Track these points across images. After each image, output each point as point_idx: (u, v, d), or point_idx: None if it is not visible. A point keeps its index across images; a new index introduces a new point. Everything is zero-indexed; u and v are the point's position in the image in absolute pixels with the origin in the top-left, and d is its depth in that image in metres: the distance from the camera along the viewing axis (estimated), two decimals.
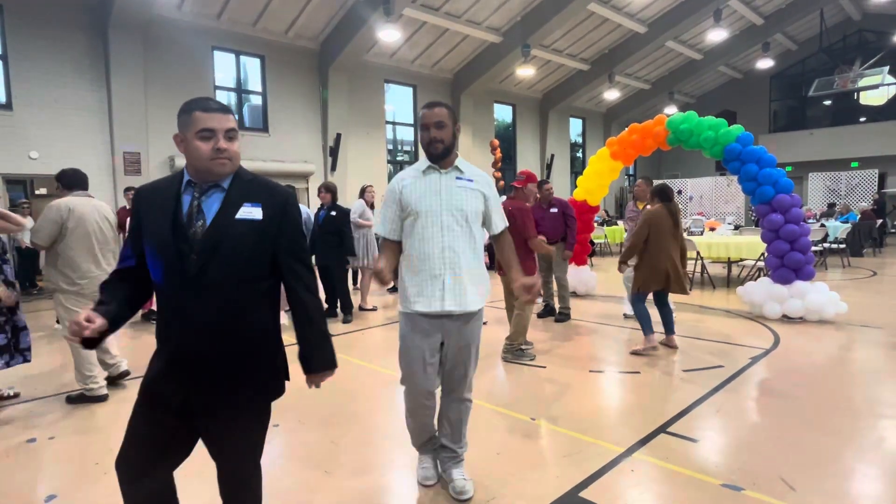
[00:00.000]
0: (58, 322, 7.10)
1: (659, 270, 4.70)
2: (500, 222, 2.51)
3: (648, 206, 5.03)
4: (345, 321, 6.38)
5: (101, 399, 3.84)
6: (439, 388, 2.53)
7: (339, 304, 6.59)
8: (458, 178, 2.37)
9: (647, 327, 4.81)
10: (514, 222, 3.89)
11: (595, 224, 10.61)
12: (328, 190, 6.54)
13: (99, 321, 1.51)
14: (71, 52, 9.86)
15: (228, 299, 1.56)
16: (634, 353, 4.79)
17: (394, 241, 2.43)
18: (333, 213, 6.43)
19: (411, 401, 2.50)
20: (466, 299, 2.34)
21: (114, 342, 4.24)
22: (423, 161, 2.41)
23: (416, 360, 2.39)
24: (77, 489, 2.64)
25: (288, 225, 1.65)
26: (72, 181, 3.89)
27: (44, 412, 3.69)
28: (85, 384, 3.82)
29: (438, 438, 2.63)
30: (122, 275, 1.67)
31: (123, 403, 3.80)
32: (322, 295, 7.21)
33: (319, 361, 1.71)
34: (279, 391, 1.71)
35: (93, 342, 1.57)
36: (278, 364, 1.70)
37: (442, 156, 2.33)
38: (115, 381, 4.14)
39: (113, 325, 1.58)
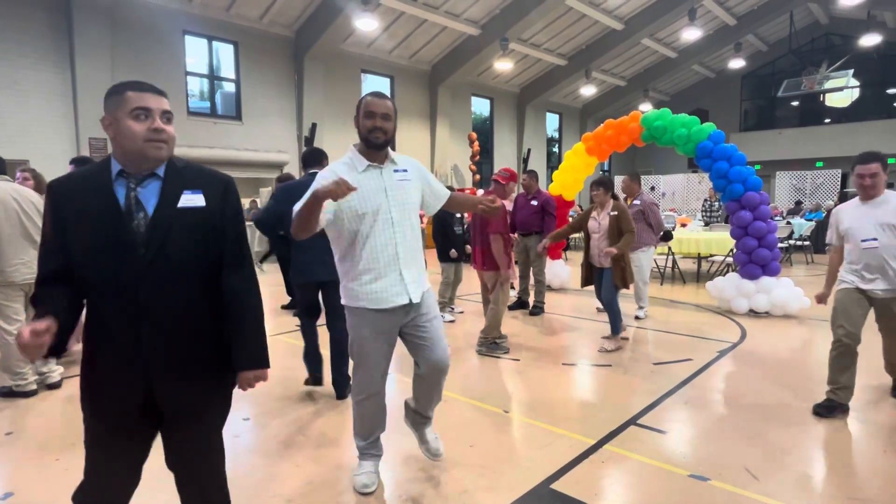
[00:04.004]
0: None
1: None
2: (442, 192, 2.56)
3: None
4: (295, 314, 6.20)
5: (30, 395, 3.75)
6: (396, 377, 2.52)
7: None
8: (395, 170, 2.35)
9: (620, 325, 4.86)
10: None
11: (570, 219, 10.71)
12: (280, 181, 6.37)
13: (50, 325, 1.34)
14: (32, 31, 9.44)
15: (182, 292, 1.49)
16: (604, 350, 4.78)
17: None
18: None
19: (363, 389, 2.44)
20: (419, 288, 2.37)
21: None
22: (357, 159, 2.29)
23: (368, 352, 2.37)
24: (36, 486, 2.55)
25: (230, 210, 1.58)
26: None
27: (1, 408, 3.55)
28: (13, 380, 3.74)
29: (379, 444, 2.61)
30: (54, 280, 1.47)
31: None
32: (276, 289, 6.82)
33: (249, 357, 1.59)
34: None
35: (54, 350, 1.41)
36: None
37: (381, 146, 2.29)
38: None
39: (64, 332, 1.42)
